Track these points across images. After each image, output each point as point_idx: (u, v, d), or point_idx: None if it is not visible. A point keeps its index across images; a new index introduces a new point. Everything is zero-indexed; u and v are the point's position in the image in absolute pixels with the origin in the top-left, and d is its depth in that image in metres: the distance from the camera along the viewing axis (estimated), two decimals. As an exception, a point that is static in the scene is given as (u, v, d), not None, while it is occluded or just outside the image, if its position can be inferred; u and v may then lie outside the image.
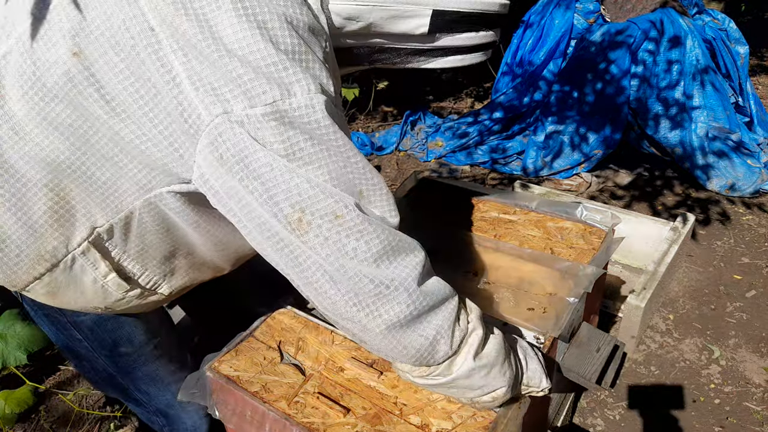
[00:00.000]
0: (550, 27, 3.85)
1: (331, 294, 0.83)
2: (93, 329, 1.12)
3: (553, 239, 1.49)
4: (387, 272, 0.82)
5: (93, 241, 0.91)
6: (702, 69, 3.37)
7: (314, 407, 1.06)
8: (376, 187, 0.85)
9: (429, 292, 0.86)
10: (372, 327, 0.84)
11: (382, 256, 0.82)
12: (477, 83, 5.28)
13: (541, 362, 1.06)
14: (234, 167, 0.78)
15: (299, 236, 0.80)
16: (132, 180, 0.86)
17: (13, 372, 2.03)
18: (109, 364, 1.19)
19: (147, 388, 1.25)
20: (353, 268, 0.81)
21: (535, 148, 3.61)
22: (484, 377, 0.94)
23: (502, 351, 0.96)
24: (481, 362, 0.92)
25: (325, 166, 0.79)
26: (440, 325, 0.88)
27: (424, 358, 0.89)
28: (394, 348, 0.87)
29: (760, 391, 2.01)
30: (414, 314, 0.84)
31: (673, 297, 2.49)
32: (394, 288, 0.82)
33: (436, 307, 0.88)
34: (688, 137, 3.35)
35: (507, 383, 0.96)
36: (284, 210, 0.78)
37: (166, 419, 1.32)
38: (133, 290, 1.01)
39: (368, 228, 0.80)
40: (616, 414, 1.96)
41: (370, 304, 0.83)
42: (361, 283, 0.81)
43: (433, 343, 0.88)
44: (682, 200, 3.23)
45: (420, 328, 0.86)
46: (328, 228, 0.79)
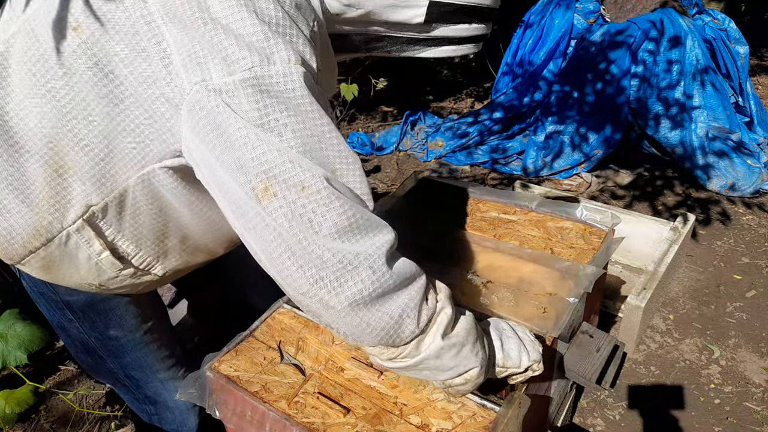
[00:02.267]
0: (550, 27, 3.85)
1: (292, 270, 0.81)
2: (84, 310, 1.13)
3: (553, 239, 1.49)
4: (352, 247, 0.80)
5: (87, 219, 0.92)
6: (702, 69, 3.37)
7: (314, 407, 1.06)
8: (351, 167, 0.84)
9: (396, 272, 0.84)
10: (334, 304, 0.82)
11: (348, 231, 0.80)
12: (477, 83, 5.28)
13: (522, 342, 1.04)
14: (207, 136, 0.78)
15: (264, 207, 0.78)
16: (127, 157, 0.87)
17: (13, 372, 2.03)
18: (99, 346, 1.20)
19: (135, 373, 1.26)
20: (316, 242, 0.78)
21: (535, 148, 3.61)
22: (454, 357, 0.92)
23: (473, 331, 0.94)
24: (451, 341, 0.90)
25: (298, 138, 0.78)
26: (406, 303, 0.86)
27: (390, 337, 0.86)
28: (357, 326, 0.85)
29: (760, 391, 2.01)
30: (378, 292, 0.82)
31: (673, 297, 2.49)
32: (358, 263, 0.80)
33: (403, 286, 0.86)
34: (688, 137, 3.35)
35: (479, 363, 0.94)
36: (251, 181, 0.77)
37: (155, 407, 1.33)
38: (127, 269, 1.02)
39: (335, 202, 0.78)
40: (616, 414, 1.96)
41: (333, 281, 0.80)
42: (323, 258, 0.79)
43: (399, 321, 0.85)
44: (682, 200, 3.23)
45: (385, 306, 0.84)
46: (294, 200, 0.77)
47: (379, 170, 3.89)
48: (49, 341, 2.05)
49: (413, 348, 0.90)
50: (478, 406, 1.03)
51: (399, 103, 4.89)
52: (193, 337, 2.12)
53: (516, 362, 1.01)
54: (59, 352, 2.33)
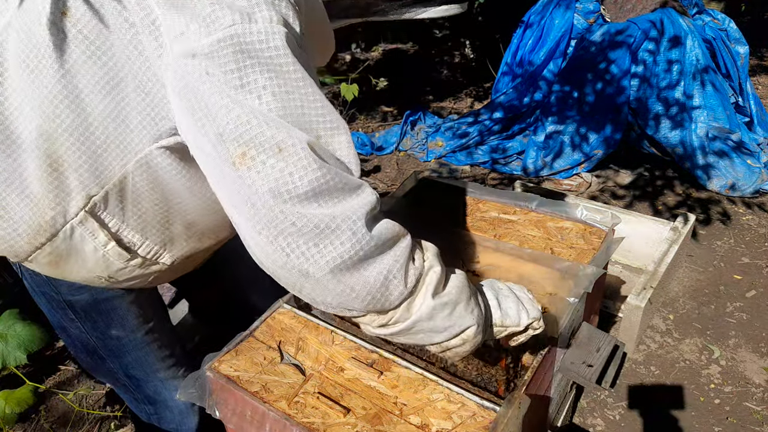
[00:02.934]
0: (550, 27, 3.85)
1: (267, 244, 0.77)
2: (86, 310, 1.13)
3: (553, 239, 1.49)
4: (329, 211, 0.76)
5: (90, 210, 0.92)
6: (702, 69, 3.37)
7: (314, 407, 1.06)
8: (336, 131, 0.81)
9: (377, 233, 0.80)
10: (314, 272, 0.77)
11: (325, 193, 0.76)
12: (477, 83, 5.28)
13: (521, 300, 1.01)
14: (188, 104, 0.77)
15: (241, 175, 0.75)
16: (124, 141, 0.87)
17: (13, 372, 2.03)
18: (100, 346, 1.20)
19: (135, 373, 1.26)
20: (290, 210, 0.75)
21: (535, 148, 3.61)
22: (447, 317, 0.88)
23: (466, 288, 0.90)
24: (442, 300, 0.87)
25: (279, 101, 0.75)
26: (392, 264, 0.81)
27: (377, 301, 0.82)
28: (341, 293, 0.80)
29: (760, 391, 2.01)
30: (360, 255, 0.78)
31: (674, 297, 2.49)
32: (336, 227, 0.76)
33: (387, 248, 0.82)
34: (688, 137, 3.35)
35: (476, 321, 0.90)
36: (229, 148, 0.74)
37: (154, 407, 1.33)
38: (134, 259, 1.02)
39: (312, 164, 0.74)
40: (616, 414, 1.96)
41: (311, 247, 0.76)
42: (297, 225, 0.75)
43: (385, 283, 0.81)
44: (682, 200, 3.23)
45: (369, 269, 0.80)
46: (272, 164, 0.73)
47: (379, 170, 3.89)
48: (48, 341, 2.05)
49: (404, 311, 0.86)
50: (478, 406, 1.03)
51: (399, 103, 4.89)
52: (194, 337, 2.12)
53: (515, 320, 0.98)
54: (59, 352, 2.33)
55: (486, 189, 1.73)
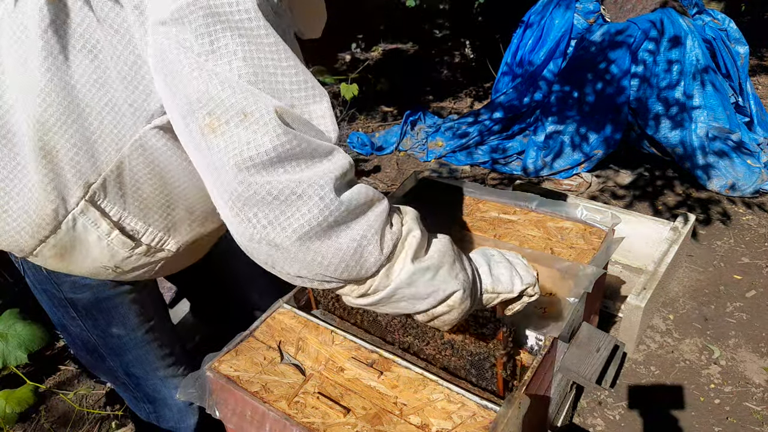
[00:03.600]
0: (550, 27, 3.85)
1: (230, 216, 0.75)
2: (88, 308, 1.13)
3: (553, 239, 1.49)
4: (295, 176, 0.72)
5: (90, 199, 0.92)
6: (702, 69, 3.37)
7: (314, 407, 1.06)
8: (313, 98, 0.78)
9: (349, 198, 0.76)
10: (281, 241, 0.74)
11: (290, 160, 0.72)
12: (477, 83, 5.28)
13: (514, 266, 0.97)
14: (162, 77, 0.75)
15: (209, 144, 0.72)
16: (117, 126, 0.87)
17: (13, 371, 2.03)
18: (101, 344, 1.20)
19: (135, 371, 1.26)
20: (254, 178, 0.71)
21: (535, 148, 3.61)
22: (429, 282, 0.83)
23: (449, 252, 0.86)
24: (423, 265, 0.82)
25: (249, 66, 0.72)
26: (365, 230, 0.78)
27: (352, 268, 0.78)
28: (312, 262, 0.76)
29: (760, 391, 2.01)
30: (330, 221, 0.74)
31: (673, 297, 2.49)
32: (302, 192, 0.72)
33: (360, 213, 0.78)
34: (688, 137, 3.35)
35: (461, 286, 0.86)
36: (198, 116, 0.72)
37: (153, 406, 1.33)
38: (139, 247, 1.02)
39: (277, 129, 0.71)
40: (616, 414, 1.96)
41: (278, 216, 0.73)
42: (260, 194, 0.72)
43: (359, 250, 0.77)
44: (682, 200, 3.24)
45: (341, 236, 0.76)
46: (236, 132, 0.71)
47: (379, 170, 3.89)
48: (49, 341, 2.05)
49: (383, 278, 0.82)
50: (478, 406, 1.03)
51: (399, 103, 4.89)
52: (194, 337, 2.12)
53: (507, 286, 0.94)
54: (59, 352, 2.33)
55: (486, 189, 1.73)
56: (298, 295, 1.38)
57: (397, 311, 0.88)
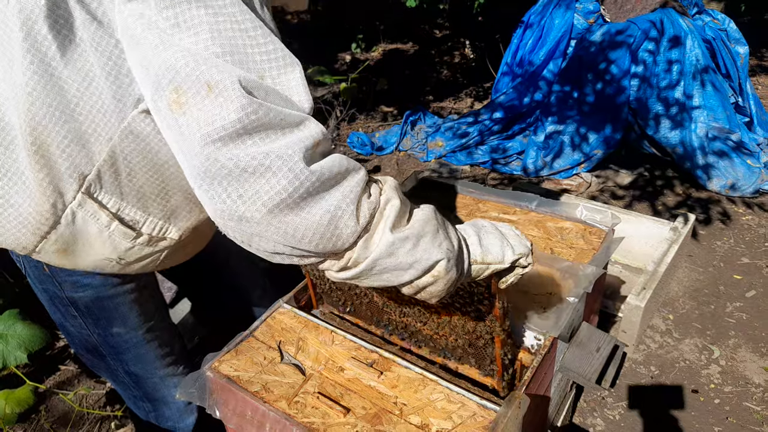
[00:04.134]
0: (550, 27, 3.85)
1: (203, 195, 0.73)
2: (89, 307, 1.13)
3: (553, 239, 1.49)
4: (262, 148, 0.70)
5: (86, 191, 0.93)
6: (702, 69, 3.37)
7: (314, 407, 1.06)
8: (284, 69, 0.75)
9: (321, 169, 0.73)
10: (252, 215, 0.72)
11: (257, 131, 0.70)
12: (477, 83, 5.28)
13: (506, 238, 0.94)
14: (133, 55, 0.74)
15: (178, 121, 0.70)
16: (105, 114, 0.87)
17: (13, 372, 2.03)
18: (101, 343, 1.20)
19: (135, 370, 1.26)
20: (220, 152, 0.69)
21: (535, 148, 3.62)
22: (411, 251, 0.80)
23: (432, 221, 0.83)
24: (403, 234, 0.80)
25: (216, 39, 0.71)
26: (340, 200, 0.75)
27: (328, 240, 0.76)
28: (285, 235, 0.74)
29: (760, 391, 2.01)
30: (301, 192, 0.72)
31: (673, 297, 2.49)
32: (270, 163, 0.70)
33: (335, 183, 0.75)
34: (688, 137, 3.36)
35: (445, 255, 0.82)
36: (166, 92, 0.70)
37: (152, 405, 1.34)
38: (140, 237, 1.02)
39: (242, 99, 0.68)
40: (616, 414, 1.96)
41: (247, 189, 0.71)
42: (227, 168, 0.70)
43: (333, 221, 0.75)
44: (682, 200, 3.24)
45: (314, 207, 0.73)
46: (200, 105, 0.69)
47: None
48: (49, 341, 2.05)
49: (361, 249, 0.79)
50: (478, 406, 1.03)
51: (399, 103, 4.89)
52: (194, 337, 2.12)
53: (498, 257, 0.91)
54: (59, 352, 2.33)
55: (486, 189, 1.73)
56: (298, 295, 1.38)
57: (382, 284, 0.85)
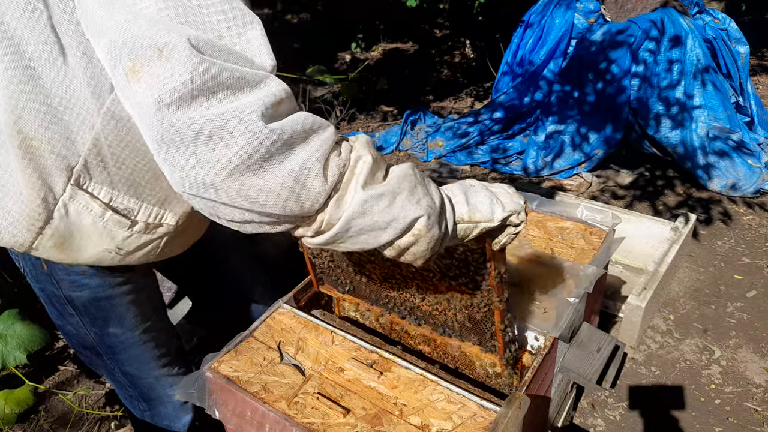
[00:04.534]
0: (550, 27, 3.84)
1: (164, 167, 0.71)
2: (86, 306, 1.13)
3: (553, 239, 1.49)
4: (219, 109, 0.68)
5: (75, 183, 0.93)
6: (703, 68, 3.37)
7: (314, 407, 1.05)
8: (243, 28, 0.73)
9: (283, 127, 0.71)
10: (212, 179, 0.69)
11: (213, 91, 0.68)
12: (477, 83, 5.28)
13: (496, 196, 0.90)
14: (90, 31, 0.73)
15: (134, 91, 0.68)
16: (84, 101, 0.87)
17: (12, 372, 2.03)
18: (98, 342, 1.20)
19: (131, 370, 1.26)
20: (176, 116, 0.67)
21: (535, 147, 3.61)
22: (386, 209, 0.77)
23: (409, 178, 0.80)
24: (376, 191, 0.76)
25: (170, 2, 0.69)
26: (305, 159, 0.72)
27: (295, 202, 0.73)
28: (249, 198, 0.71)
29: (761, 391, 2.01)
30: (262, 152, 0.69)
31: (674, 297, 2.49)
32: (227, 124, 0.67)
33: (299, 141, 0.72)
34: (689, 137, 3.35)
35: (425, 211, 0.79)
36: (123, 63, 0.68)
37: (147, 404, 1.34)
38: (136, 225, 1.01)
39: (192, 59, 0.66)
40: (616, 414, 1.96)
41: (206, 152, 0.68)
42: (182, 131, 0.67)
43: (299, 180, 0.72)
44: (683, 200, 3.23)
45: (278, 168, 0.71)
46: (152, 71, 0.67)
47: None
48: (48, 341, 2.05)
49: (333, 210, 0.76)
50: (479, 407, 1.03)
51: (399, 103, 4.89)
52: (193, 338, 2.12)
53: (487, 214, 0.87)
54: (59, 353, 2.33)
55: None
56: (298, 295, 1.38)
57: (360, 246, 0.81)
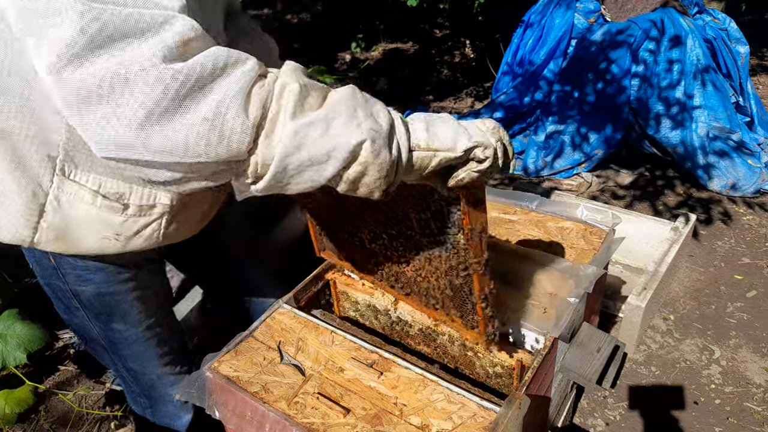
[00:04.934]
0: (550, 27, 3.84)
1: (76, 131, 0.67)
2: (91, 301, 1.14)
3: (553, 239, 1.49)
4: (119, 58, 0.63)
5: (61, 173, 0.93)
6: (703, 68, 3.36)
7: (314, 407, 1.05)
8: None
9: (192, 67, 0.66)
10: (124, 135, 0.65)
11: (110, 41, 0.63)
12: (477, 83, 5.27)
13: (464, 127, 0.81)
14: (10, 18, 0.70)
15: (41, 62, 0.65)
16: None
17: (12, 372, 2.03)
18: (102, 336, 1.22)
19: (133, 366, 1.27)
20: (74, 75, 0.63)
21: (535, 147, 3.61)
22: (322, 138, 0.70)
23: (349, 101, 0.73)
24: (307, 119, 0.70)
25: None
26: (221, 97, 0.67)
27: (218, 145, 0.68)
28: (166, 149, 0.67)
29: (761, 391, 2.01)
30: (170, 96, 0.64)
31: (674, 297, 2.49)
32: (127, 73, 0.63)
33: (215, 79, 0.67)
34: (689, 137, 3.35)
35: (367, 135, 0.71)
36: (32, 37, 0.65)
37: (149, 401, 1.34)
38: (129, 209, 1.00)
39: (80, 8, 0.62)
40: (616, 414, 1.96)
41: (114, 108, 0.64)
42: (87, 86, 0.64)
43: (218, 120, 0.66)
44: (683, 200, 3.23)
45: (191, 110, 0.66)
46: (45, 31, 0.63)
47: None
48: (48, 341, 2.05)
49: (264, 148, 0.70)
50: (478, 407, 1.03)
51: (399, 103, 4.88)
52: (194, 337, 2.12)
53: (448, 143, 0.79)
54: (59, 352, 2.33)
55: (486, 189, 1.73)
56: (298, 295, 1.38)
57: (309, 184, 0.75)
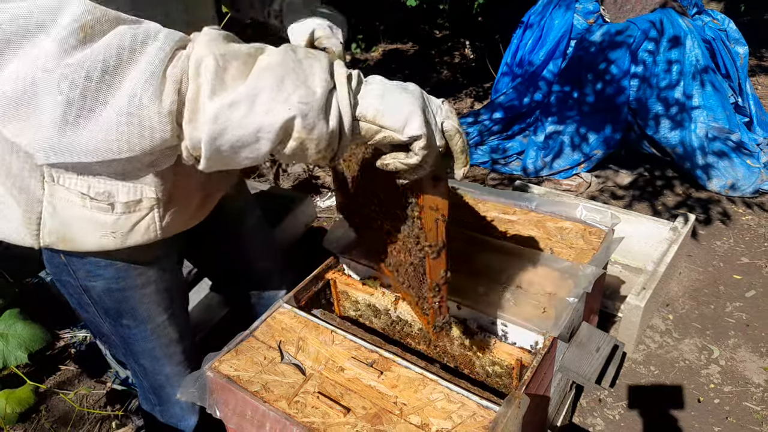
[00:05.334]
0: (549, 27, 3.85)
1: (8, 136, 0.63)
2: (101, 296, 1.15)
3: (553, 239, 1.50)
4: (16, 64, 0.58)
5: (50, 179, 0.94)
6: (702, 69, 3.37)
7: (314, 407, 1.06)
8: None
9: (96, 54, 0.59)
10: (50, 144, 0.61)
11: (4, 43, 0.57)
12: (477, 83, 5.28)
13: (421, 103, 0.72)
14: None
15: None
16: None
17: (13, 371, 2.03)
18: (112, 332, 1.23)
19: (144, 363, 1.28)
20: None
21: (535, 148, 3.62)
22: (246, 118, 0.63)
23: (274, 68, 0.65)
24: (228, 98, 0.63)
25: None
26: (134, 84, 0.60)
27: (141, 138, 0.62)
28: (90, 151, 0.62)
29: (760, 391, 2.01)
30: (79, 93, 0.59)
31: (673, 297, 2.49)
32: (33, 78, 0.58)
33: (126, 64, 0.61)
34: (688, 137, 3.36)
35: (297, 111, 0.64)
36: None
37: (158, 399, 1.35)
38: (116, 207, 1.01)
39: None
40: (615, 414, 1.96)
41: (28, 116, 0.59)
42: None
43: (133, 111, 0.61)
44: (682, 200, 3.24)
45: (109, 104, 0.60)
46: None
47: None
48: (49, 341, 2.05)
49: (191, 132, 0.64)
50: (478, 406, 1.03)
51: (399, 103, 4.89)
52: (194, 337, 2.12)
53: (396, 123, 0.70)
54: (60, 352, 2.33)
55: (486, 189, 1.73)
56: (299, 295, 1.38)
57: (250, 161, 0.68)
